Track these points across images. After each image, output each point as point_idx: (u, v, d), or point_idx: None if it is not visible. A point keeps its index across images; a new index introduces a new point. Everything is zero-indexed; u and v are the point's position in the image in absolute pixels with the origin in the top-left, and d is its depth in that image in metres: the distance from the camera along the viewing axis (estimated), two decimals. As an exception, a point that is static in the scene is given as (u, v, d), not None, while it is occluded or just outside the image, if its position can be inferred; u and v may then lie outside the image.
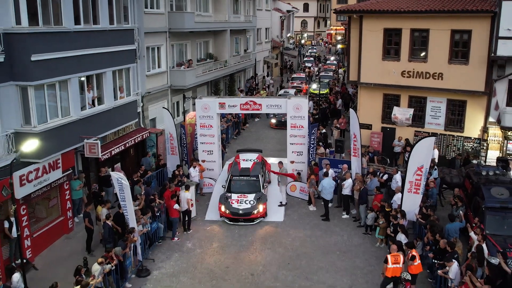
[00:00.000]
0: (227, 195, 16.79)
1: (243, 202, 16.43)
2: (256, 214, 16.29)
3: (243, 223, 16.31)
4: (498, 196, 14.14)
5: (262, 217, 16.54)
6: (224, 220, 16.53)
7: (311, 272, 13.52)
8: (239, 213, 16.20)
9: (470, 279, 10.39)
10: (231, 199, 16.57)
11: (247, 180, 17.30)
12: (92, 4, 15.93)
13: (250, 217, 16.26)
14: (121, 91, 18.22)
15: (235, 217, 16.28)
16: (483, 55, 19.17)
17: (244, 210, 16.20)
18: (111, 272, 12.14)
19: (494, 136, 19.82)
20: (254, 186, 17.12)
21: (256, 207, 16.30)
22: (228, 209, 16.32)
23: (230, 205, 16.38)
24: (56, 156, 14.58)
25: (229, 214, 16.29)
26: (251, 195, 16.63)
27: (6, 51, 12.86)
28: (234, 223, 16.35)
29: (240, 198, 16.52)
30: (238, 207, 16.30)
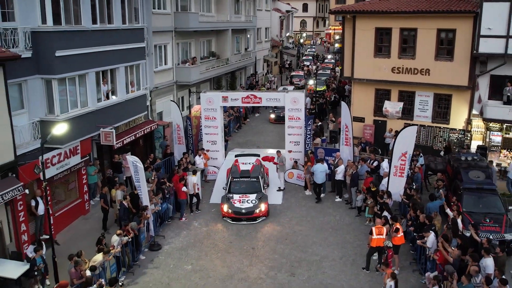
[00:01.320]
0: (228, 196, 16.94)
1: (245, 201, 16.64)
2: (258, 213, 16.53)
3: (245, 222, 16.51)
4: (475, 179, 15.69)
5: (265, 216, 16.75)
6: (227, 220, 16.74)
7: (306, 246, 15.06)
8: (242, 212, 16.42)
9: (443, 245, 11.93)
10: (233, 199, 16.75)
11: (248, 181, 17.50)
12: (107, 5, 17.49)
13: (252, 216, 16.49)
14: (132, 85, 19.77)
15: (238, 216, 16.46)
16: (467, 52, 20.75)
17: (247, 209, 16.43)
18: (128, 244, 13.69)
19: (477, 127, 21.39)
20: (255, 186, 17.32)
21: (258, 206, 16.53)
22: (230, 208, 16.52)
23: (233, 205, 16.57)
24: (76, 143, 16.13)
25: (232, 213, 16.51)
26: (253, 195, 16.85)
27: (33, 48, 14.41)
28: (237, 222, 16.56)
29: (242, 198, 16.72)
30: (240, 206, 16.49)
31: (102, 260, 12.31)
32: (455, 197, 15.07)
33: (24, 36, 14.16)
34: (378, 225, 13.41)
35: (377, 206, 15.13)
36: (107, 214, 16.49)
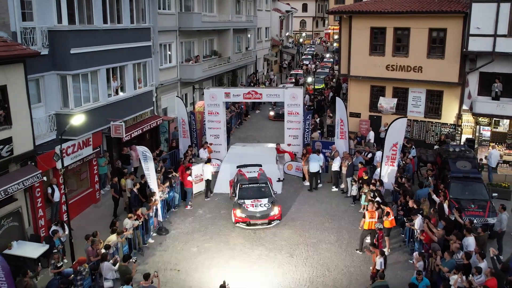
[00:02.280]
0: (239, 202, 16.54)
1: (258, 205, 16.33)
2: (272, 216, 16.23)
3: (260, 227, 16.19)
4: (462, 168, 16.79)
5: (279, 220, 16.49)
6: (240, 226, 16.32)
7: (304, 231, 16.15)
8: (257, 216, 16.05)
9: (428, 226, 13.02)
10: (245, 204, 16.34)
11: (258, 186, 17.25)
12: (117, 6, 18.57)
13: (267, 219, 16.16)
14: (140, 82, 20.86)
15: (252, 220, 16.08)
16: (457, 50, 21.80)
17: (261, 213, 16.11)
18: (138, 227, 14.77)
19: (467, 121, 22.46)
20: (265, 191, 17.10)
21: (272, 209, 16.25)
22: (244, 213, 16.11)
23: (246, 209, 16.17)
24: (88, 135, 17.21)
25: (246, 218, 16.04)
26: (265, 199, 16.61)
27: (49, 45, 15.50)
28: (252, 227, 16.18)
29: (254, 203, 16.40)
30: (254, 210, 16.16)
31: (116, 240, 13.39)
32: (442, 185, 16.15)
33: (41, 34, 15.26)
34: (370, 209, 14.49)
35: (371, 194, 16.19)
36: (118, 202, 17.58)
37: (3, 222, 14.01)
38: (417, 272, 11.69)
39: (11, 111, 13.56)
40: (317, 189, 19.64)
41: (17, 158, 14.09)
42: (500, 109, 21.00)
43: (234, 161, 20.86)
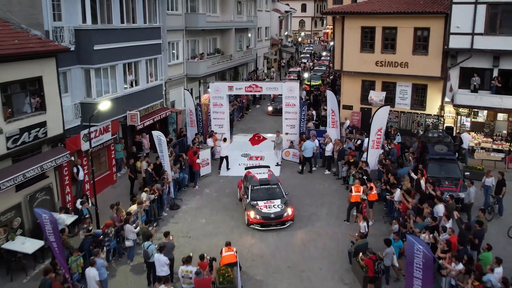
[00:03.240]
0: (252, 203, 16.64)
1: (271, 206, 16.48)
2: (286, 217, 16.38)
3: (274, 227, 16.33)
4: (439, 151, 18.96)
5: (291, 220, 16.63)
6: (255, 228, 16.39)
7: (299, 206, 18.25)
8: (271, 217, 16.18)
9: (404, 196, 15.20)
10: (258, 206, 16.47)
11: (269, 187, 17.44)
12: (132, 7, 20.75)
13: (281, 220, 16.33)
14: (151, 76, 23.04)
15: (267, 221, 16.19)
16: (439, 47, 24.00)
17: (276, 214, 16.24)
18: (154, 201, 16.93)
19: (449, 112, 24.65)
20: (277, 192, 17.31)
21: (285, 210, 16.40)
22: (258, 214, 16.20)
23: (260, 211, 16.29)
24: (107, 122, 19.34)
25: (261, 219, 16.16)
26: (277, 201, 16.79)
27: (75, 42, 17.67)
28: (266, 228, 16.31)
29: (267, 204, 16.56)
30: (268, 211, 16.28)
31: (136, 209, 15.54)
32: (421, 165, 18.32)
33: (69, 33, 17.42)
34: (356, 184, 16.67)
35: (358, 173, 18.35)
36: (134, 182, 19.74)
37: (38, 195, 16.16)
38: (394, 233, 13.85)
39: (46, 99, 15.73)
40: (312, 173, 21.79)
41: (49, 140, 16.26)
42: (478, 100, 23.20)
43: (237, 149, 23.09)
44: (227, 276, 12.76)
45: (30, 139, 15.10)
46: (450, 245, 12.47)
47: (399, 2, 25.58)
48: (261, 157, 23.15)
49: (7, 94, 14.31)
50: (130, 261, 14.65)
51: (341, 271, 14.04)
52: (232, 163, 22.28)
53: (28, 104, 15.23)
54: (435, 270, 12.80)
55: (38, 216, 12.34)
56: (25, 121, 14.93)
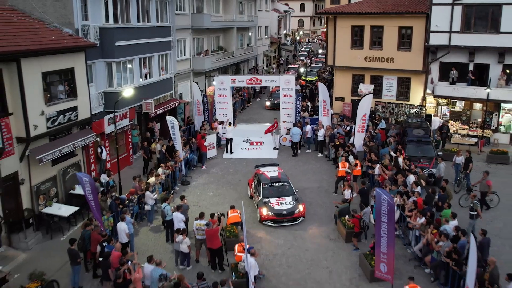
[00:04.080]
0: (264, 201, 17.16)
1: (283, 203, 16.98)
2: (298, 213, 16.90)
3: (287, 223, 16.84)
4: (417, 134, 21.66)
5: (303, 217, 17.16)
6: (268, 224, 16.88)
7: (294, 182, 20.64)
8: (283, 214, 16.70)
9: (382, 169, 17.89)
10: (271, 203, 16.99)
11: (280, 185, 17.96)
12: (146, 8, 23.43)
13: (293, 216, 16.84)
14: (162, 70, 25.71)
15: (279, 218, 16.68)
16: (421, 44, 26.67)
17: (288, 210, 16.75)
18: (168, 176, 19.61)
19: (430, 102, 27.33)
20: (288, 189, 17.84)
21: (297, 207, 16.94)
22: (271, 211, 16.70)
23: (272, 208, 16.78)
24: (126, 109, 22.02)
25: (273, 216, 16.65)
26: (288, 198, 17.32)
27: (100, 39, 20.36)
28: (278, 224, 16.81)
29: (279, 201, 17.08)
30: (281, 208, 16.79)
31: (155, 181, 18.22)
32: (400, 146, 21.02)
33: (94, 31, 20.11)
34: (343, 161, 19.36)
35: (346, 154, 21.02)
36: (147, 163, 22.42)
37: (69, 170, 18.85)
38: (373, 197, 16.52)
39: (77, 87, 18.39)
40: (297, 155, 24.42)
41: (78, 123, 18.91)
42: (455, 91, 25.92)
43: (240, 135, 25.82)
44: (232, 232, 15.53)
45: (64, 120, 17.76)
46: (416, 204, 15.18)
47: (385, 3, 28.27)
48: (261, 142, 25.88)
49: (47, 82, 16.96)
50: (150, 223, 17.38)
51: (328, 230, 16.74)
52: (235, 148, 25.01)
53: (62, 91, 17.91)
54: (404, 226, 15.57)
55: (79, 179, 15.02)
56: (61, 105, 17.58)
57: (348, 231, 15.67)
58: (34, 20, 18.36)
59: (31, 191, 16.75)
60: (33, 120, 16.10)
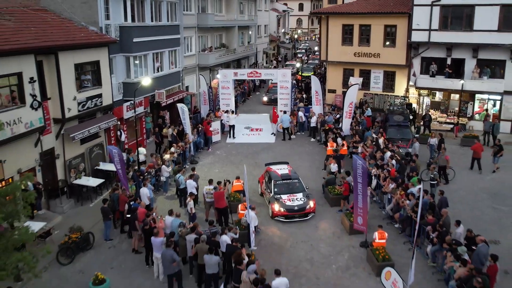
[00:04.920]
0: (276, 197, 17.79)
1: (294, 200, 17.58)
2: (309, 209, 17.50)
3: (298, 219, 17.41)
4: (397, 120, 24.68)
5: (313, 212, 17.76)
6: (279, 220, 17.45)
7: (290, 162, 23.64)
8: (295, 209, 17.27)
9: (364, 147, 20.90)
10: (282, 199, 17.61)
11: (291, 182, 18.57)
12: (159, 9, 26.42)
13: (304, 212, 17.40)
14: (172, 64, 28.70)
15: (291, 213, 17.26)
16: (404, 41, 29.65)
17: (299, 206, 17.34)
18: (179, 155, 22.59)
19: (413, 94, 30.32)
20: (298, 186, 18.44)
21: (308, 203, 17.53)
22: (283, 207, 17.31)
23: (284, 204, 17.40)
24: (141, 98, 24.98)
25: (285, 211, 17.25)
26: (299, 194, 17.91)
27: (119, 36, 23.34)
28: (290, 220, 17.39)
29: (290, 197, 17.68)
30: (292, 204, 17.37)
31: (169, 157, 21.21)
32: (382, 129, 24.04)
33: (114, 29, 23.08)
34: (331, 141, 22.37)
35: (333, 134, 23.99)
36: (159, 146, 25.39)
37: (94, 149, 21.85)
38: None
39: (101, 77, 21.37)
40: (290, 139, 27.42)
41: (102, 108, 21.88)
42: (435, 83, 28.91)
43: (241, 123, 28.82)
44: (236, 197, 18.53)
45: (91, 105, 20.74)
46: (389, 173, 18.18)
47: (372, 4, 31.26)
48: (260, 129, 28.91)
49: (78, 72, 19.95)
50: (165, 193, 20.37)
51: (317, 197, 19.62)
52: (237, 133, 28.02)
53: (90, 80, 20.89)
54: (380, 192, 18.57)
55: (110, 151, 18.05)
56: (89, 92, 20.56)
57: (333, 197, 18.68)
58: (64, 19, 21.35)
59: (65, 165, 19.76)
60: (67, 104, 19.10)
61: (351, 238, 16.50)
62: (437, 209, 15.92)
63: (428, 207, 15.71)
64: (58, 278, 14.50)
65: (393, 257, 14.51)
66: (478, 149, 21.87)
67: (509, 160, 23.70)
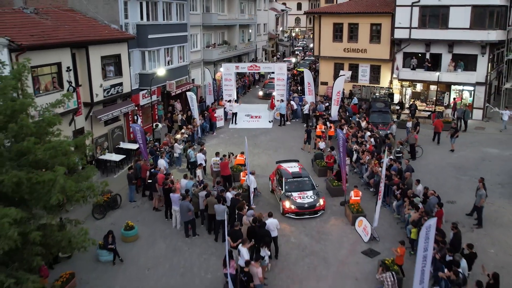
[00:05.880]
0: (287, 194, 18.22)
1: (305, 197, 18.00)
2: (318, 207, 17.96)
3: (308, 216, 17.88)
4: (379, 106, 28.20)
5: (323, 210, 18.22)
6: (290, 216, 17.93)
7: (284, 143, 27.38)
8: (305, 207, 17.74)
9: (347, 128, 24.40)
10: (293, 197, 18.05)
11: (301, 180, 18.96)
12: (169, 9, 29.90)
13: (314, 210, 17.88)
14: (180, 58, 32.18)
15: (301, 210, 17.70)
16: (388, 37, 33.09)
17: (309, 204, 17.80)
18: (188, 135, 26.07)
19: (396, 85, 33.79)
20: (308, 184, 18.85)
21: (318, 201, 17.98)
22: (293, 204, 17.77)
23: (295, 201, 17.84)
24: (154, 87, 28.42)
25: (295, 209, 17.69)
26: (310, 192, 18.33)
27: (136, 33, 26.80)
28: (300, 217, 17.88)
29: (301, 195, 18.12)
30: (302, 201, 17.83)
31: (180, 137, 24.68)
32: (365, 114, 27.54)
33: (132, 27, 26.54)
34: (320, 124, 25.88)
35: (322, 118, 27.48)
36: (171, 128, 28.88)
37: (115, 130, 25.33)
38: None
39: (122, 68, 24.83)
40: (285, 125, 30.87)
41: (122, 95, 25.36)
42: (415, 76, 32.38)
43: (242, 111, 32.29)
44: (238, 168, 21.99)
45: (114, 92, 24.20)
46: (367, 148, 21.68)
47: (360, 4, 34.73)
48: (259, 116, 32.45)
49: (103, 63, 23.40)
50: (178, 167, 23.84)
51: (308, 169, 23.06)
52: (238, 120, 31.50)
53: (112, 70, 24.34)
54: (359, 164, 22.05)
55: (133, 128, 21.53)
56: (112, 81, 24.03)
57: (320, 168, 22.16)
58: (90, 18, 24.81)
59: (92, 142, 23.22)
60: (95, 90, 22.56)
61: (333, 199, 19.95)
62: (404, 174, 19.41)
63: (396, 172, 19.20)
64: (94, 228, 17.90)
65: (366, 211, 17.98)
66: (438, 125, 26.07)
67: (477, 141, 27.33)
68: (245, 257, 13.20)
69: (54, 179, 9.68)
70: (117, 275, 15.19)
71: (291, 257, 15.78)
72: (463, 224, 17.48)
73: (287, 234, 17.08)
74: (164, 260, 15.90)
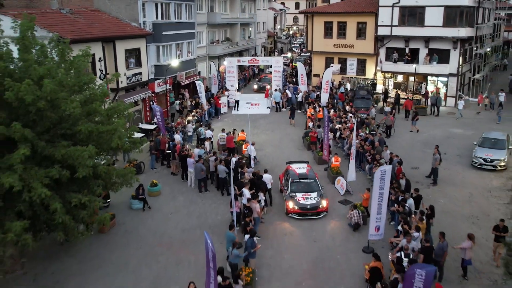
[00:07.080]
0: (291, 195, 18.68)
1: (308, 198, 18.34)
2: (321, 208, 18.28)
3: (310, 217, 18.27)
4: (362, 94, 32.57)
5: (326, 212, 18.53)
6: (293, 217, 18.41)
7: (279, 125, 31.67)
8: (308, 208, 18.08)
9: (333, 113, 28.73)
10: (297, 197, 18.43)
11: (307, 181, 19.32)
12: (179, 9, 34.21)
13: (317, 211, 18.20)
14: (189, 53, 36.49)
15: (304, 211, 18.07)
16: (372, 34, 37.39)
17: (312, 205, 18.15)
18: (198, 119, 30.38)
19: (380, 77, 38.10)
20: (314, 186, 19.20)
21: (320, 202, 18.31)
22: (296, 205, 18.18)
23: (298, 202, 18.24)
24: (167, 78, 32.74)
25: (298, 209, 18.10)
26: (314, 193, 18.66)
27: (153, 30, 31.07)
28: (303, 217, 18.30)
29: (305, 196, 18.45)
30: (305, 202, 18.19)
31: (192, 119, 28.98)
32: (350, 102, 31.88)
33: (149, 24, 30.84)
34: (310, 108, 30.23)
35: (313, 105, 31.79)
36: (181, 113, 33.17)
37: (135, 113, 29.63)
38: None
39: (141, 60, 29.13)
40: (281, 111, 35.18)
41: (140, 84, 29.67)
42: (396, 68, 36.69)
43: (243, 99, 36.66)
44: (241, 143, 26.32)
45: (135, 80, 28.53)
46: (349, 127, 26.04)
47: (348, 5, 39.05)
48: (258, 104, 36.78)
49: (127, 55, 27.70)
50: (190, 143, 28.13)
51: (298, 145, 27.47)
52: (240, 107, 35.83)
53: (134, 62, 28.63)
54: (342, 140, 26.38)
55: (153, 108, 25.91)
56: (133, 70, 28.34)
57: (309, 143, 26.50)
58: (114, 18, 29.14)
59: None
60: (120, 78, 26.85)
61: (319, 167, 24.27)
62: (376, 144, 23.74)
63: (369, 143, 23.57)
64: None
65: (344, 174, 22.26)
66: (408, 104, 31.46)
67: (446, 124, 31.66)
68: (247, 196, 17.56)
69: (115, 128, 14.03)
70: (146, 219, 19.52)
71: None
72: (421, 183, 21.85)
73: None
74: (183, 208, 20.25)
